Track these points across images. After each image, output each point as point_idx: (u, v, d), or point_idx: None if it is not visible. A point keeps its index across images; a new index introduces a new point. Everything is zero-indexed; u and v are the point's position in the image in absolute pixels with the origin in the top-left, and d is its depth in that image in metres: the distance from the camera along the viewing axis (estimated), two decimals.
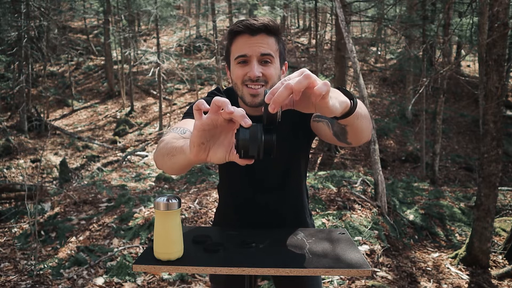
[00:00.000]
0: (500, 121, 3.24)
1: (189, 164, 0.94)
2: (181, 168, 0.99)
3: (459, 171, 9.61)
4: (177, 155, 0.95)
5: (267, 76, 1.19)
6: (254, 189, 1.37)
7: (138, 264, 1.07)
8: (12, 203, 5.72)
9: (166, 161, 1.01)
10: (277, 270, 1.03)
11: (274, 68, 1.20)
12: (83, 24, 19.34)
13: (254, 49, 1.17)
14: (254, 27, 1.17)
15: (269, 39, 1.20)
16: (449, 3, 6.63)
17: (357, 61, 4.57)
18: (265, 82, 1.19)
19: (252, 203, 1.38)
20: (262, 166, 1.34)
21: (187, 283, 3.02)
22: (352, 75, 10.32)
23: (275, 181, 1.37)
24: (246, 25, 1.18)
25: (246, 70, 1.19)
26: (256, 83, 1.18)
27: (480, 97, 7.88)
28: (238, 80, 1.21)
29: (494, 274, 3.31)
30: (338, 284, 2.91)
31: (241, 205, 1.41)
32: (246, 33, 1.19)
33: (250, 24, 1.17)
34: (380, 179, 4.35)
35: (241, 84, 1.21)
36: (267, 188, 1.37)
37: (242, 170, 1.34)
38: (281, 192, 1.39)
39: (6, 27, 10.84)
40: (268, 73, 1.18)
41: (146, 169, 8.55)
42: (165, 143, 1.05)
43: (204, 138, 0.80)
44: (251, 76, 1.17)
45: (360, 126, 0.98)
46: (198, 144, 0.80)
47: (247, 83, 1.19)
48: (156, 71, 12.05)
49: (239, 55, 1.19)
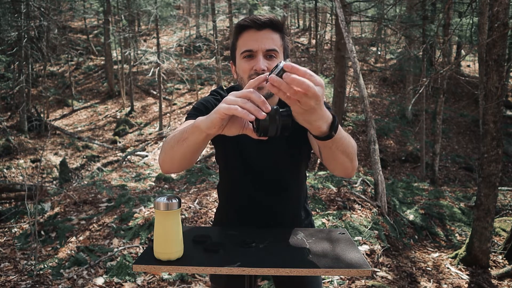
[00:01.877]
0: (500, 121, 3.24)
1: (204, 141, 0.99)
2: (195, 150, 1.03)
3: (459, 171, 9.61)
4: (190, 136, 1.00)
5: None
6: (254, 190, 1.37)
7: (138, 264, 1.07)
8: (12, 203, 5.72)
9: (177, 150, 1.05)
10: (277, 270, 1.03)
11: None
12: (83, 24, 19.35)
13: (260, 44, 1.21)
14: (260, 22, 1.21)
15: (274, 34, 1.23)
16: (449, 3, 6.63)
17: (357, 61, 4.57)
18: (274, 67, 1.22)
19: (252, 204, 1.38)
20: (262, 168, 1.35)
21: (187, 283, 3.02)
22: (352, 75, 10.33)
23: (275, 183, 1.37)
24: (252, 19, 1.21)
25: (252, 64, 1.21)
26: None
27: (480, 97, 7.88)
28: (244, 74, 1.23)
29: (494, 274, 3.31)
30: (338, 284, 2.91)
31: (240, 205, 1.42)
32: (253, 28, 1.22)
33: (257, 19, 1.21)
34: (380, 179, 4.35)
35: (247, 78, 1.23)
36: (267, 189, 1.37)
37: (242, 171, 1.34)
38: (281, 193, 1.39)
39: (6, 27, 10.84)
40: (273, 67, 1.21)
41: (146, 169, 8.55)
42: (172, 135, 1.09)
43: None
44: (257, 69, 1.20)
45: (336, 155, 1.06)
46: (223, 117, 0.90)
47: (253, 77, 1.21)
48: (156, 71, 12.05)
49: (246, 50, 1.22)
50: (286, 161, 1.36)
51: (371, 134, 4.47)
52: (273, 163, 1.34)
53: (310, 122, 0.91)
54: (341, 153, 1.06)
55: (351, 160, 1.12)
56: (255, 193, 1.37)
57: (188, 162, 1.09)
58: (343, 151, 1.06)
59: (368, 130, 4.52)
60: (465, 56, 12.50)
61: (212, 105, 1.31)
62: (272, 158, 1.33)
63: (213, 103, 1.32)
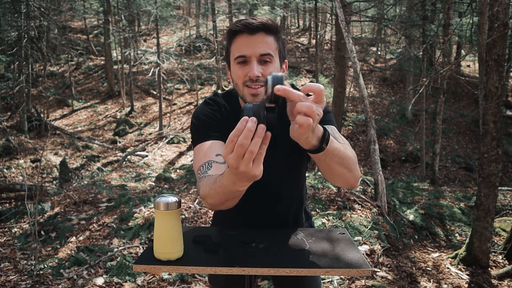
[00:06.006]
0: (500, 121, 3.24)
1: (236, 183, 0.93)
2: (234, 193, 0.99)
3: (459, 171, 9.61)
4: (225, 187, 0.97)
5: (266, 76, 1.19)
6: (254, 193, 1.37)
7: (138, 264, 1.07)
8: (12, 203, 5.72)
9: (222, 201, 1.03)
10: (277, 270, 1.03)
11: (273, 67, 1.20)
12: (83, 24, 19.33)
13: (254, 49, 1.17)
14: (253, 26, 1.17)
15: (268, 38, 1.20)
16: (449, 3, 6.63)
17: (357, 61, 4.57)
18: (264, 82, 1.19)
19: (252, 207, 1.37)
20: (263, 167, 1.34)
21: (187, 283, 3.02)
22: (352, 75, 10.32)
23: (275, 185, 1.36)
24: (244, 24, 1.18)
25: (246, 71, 1.19)
26: (256, 83, 1.19)
27: (480, 97, 7.87)
28: (239, 80, 1.21)
29: (494, 274, 3.31)
30: (338, 284, 2.91)
31: (240, 207, 1.41)
32: (245, 33, 1.19)
33: (249, 23, 1.18)
34: (380, 179, 4.35)
35: (242, 85, 1.21)
36: (267, 192, 1.36)
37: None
38: (282, 196, 1.38)
39: (6, 27, 10.83)
40: (267, 73, 1.18)
41: (146, 169, 8.55)
42: (209, 187, 1.05)
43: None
44: (251, 76, 1.17)
45: (332, 167, 1.05)
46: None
47: (247, 83, 1.19)
48: (156, 71, 12.05)
49: (239, 55, 1.19)
50: (287, 164, 1.34)
51: (371, 134, 4.47)
52: (275, 166, 1.32)
53: (299, 138, 0.89)
54: (337, 164, 1.04)
55: (350, 170, 1.08)
56: (255, 196, 1.36)
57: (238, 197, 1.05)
58: (340, 163, 1.04)
59: (368, 130, 4.52)
60: (465, 56, 12.50)
61: (211, 117, 1.29)
62: (273, 160, 1.32)
63: (211, 115, 1.30)
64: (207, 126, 1.26)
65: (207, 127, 1.26)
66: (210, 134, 1.24)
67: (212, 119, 1.29)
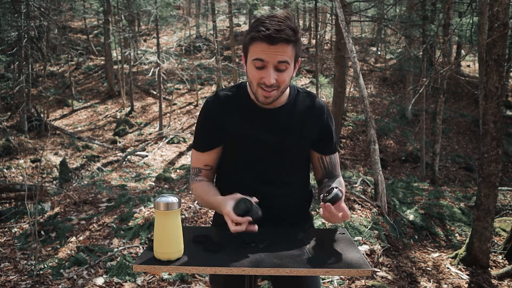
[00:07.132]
0: (500, 121, 3.24)
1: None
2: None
3: (459, 171, 9.61)
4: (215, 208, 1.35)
5: (280, 82, 1.26)
6: (256, 182, 1.38)
7: (138, 264, 1.07)
8: (12, 203, 5.71)
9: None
10: (277, 270, 1.03)
11: (287, 74, 1.27)
12: (83, 24, 19.33)
13: (272, 58, 1.22)
14: (275, 38, 1.20)
15: (288, 47, 1.24)
16: (449, 3, 6.63)
17: (357, 61, 4.57)
18: (277, 87, 1.27)
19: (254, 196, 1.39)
20: (264, 162, 1.36)
21: (187, 283, 3.02)
22: (352, 75, 10.32)
23: (278, 173, 1.40)
24: (266, 35, 1.20)
25: (262, 75, 1.24)
26: (269, 87, 1.26)
27: (480, 97, 7.86)
28: (254, 80, 1.27)
29: (494, 274, 3.31)
30: (338, 284, 2.91)
31: None
32: (266, 42, 1.22)
33: (272, 34, 1.20)
34: (380, 179, 4.35)
35: (256, 85, 1.27)
36: (269, 184, 1.38)
37: (254, 150, 1.37)
38: (285, 187, 1.41)
39: (6, 27, 10.83)
40: (281, 80, 1.26)
41: (146, 169, 8.55)
42: (201, 196, 1.39)
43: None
44: (267, 83, 1.24)
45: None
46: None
47: (262, 86, 1.26)
48: (156, 71, 12.04)
49: (257, 58, 1.23)
50: (289, 160, 1.39)
51: (371, 134, 4.47)
52: (277, 163, 1.39)
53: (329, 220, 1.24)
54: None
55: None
56: (258, 186, 1.37)
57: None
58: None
59: (368, 130, 4.52)
60: (465, 56, 12.50)
61: (211, 120, 1.39)
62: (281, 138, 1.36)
63: (210, 119, 1.39)
64: (204, 134, 1.41)
65: (203, 137, 1.41)
66: (204, 146, 1.41)
67: (211, 122, 1.39)
